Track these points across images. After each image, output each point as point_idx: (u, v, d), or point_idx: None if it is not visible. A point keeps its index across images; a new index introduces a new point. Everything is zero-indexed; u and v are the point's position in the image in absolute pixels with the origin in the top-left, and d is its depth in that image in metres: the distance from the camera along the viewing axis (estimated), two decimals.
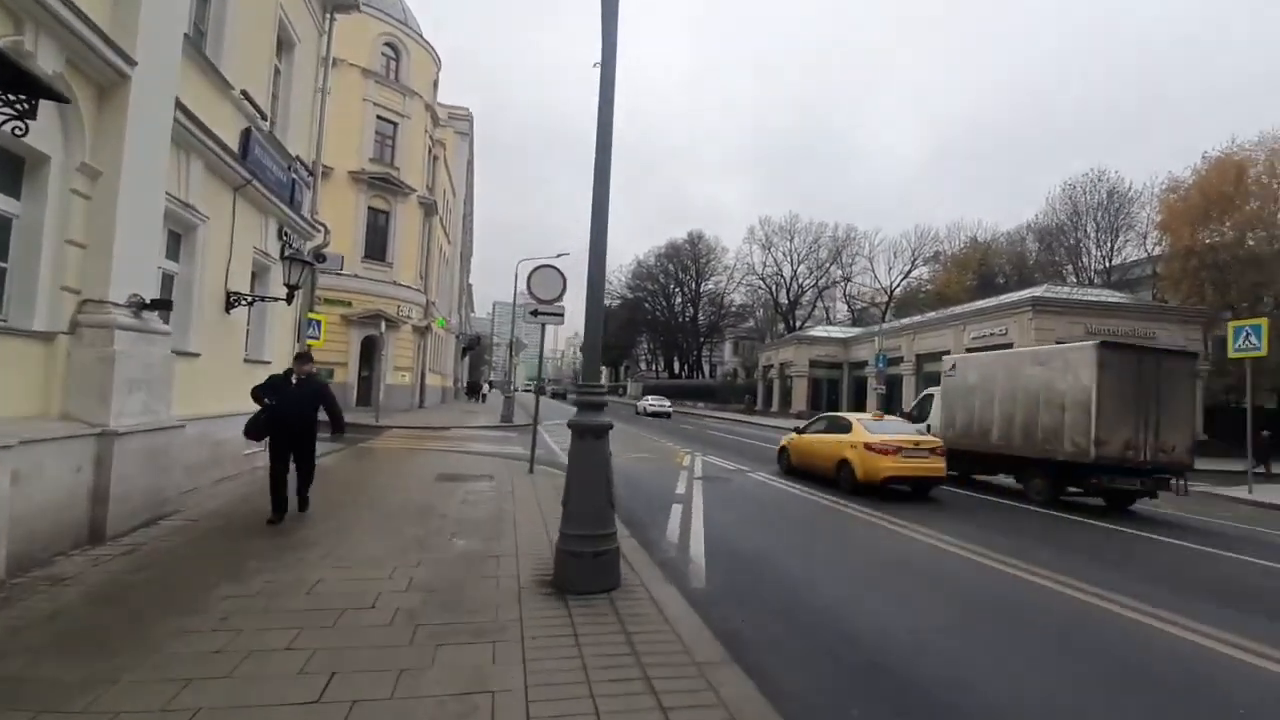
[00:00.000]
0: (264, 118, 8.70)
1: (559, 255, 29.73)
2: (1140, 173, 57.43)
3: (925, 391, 19.05)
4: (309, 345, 13.25)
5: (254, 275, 9.21)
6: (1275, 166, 28.49)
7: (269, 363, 9.47)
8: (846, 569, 6.35)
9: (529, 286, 10.63)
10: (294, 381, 6.37)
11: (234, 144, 7.85)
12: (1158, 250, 35.89)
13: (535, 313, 10.67)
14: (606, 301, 45.58)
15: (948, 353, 33.72)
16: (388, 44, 25.24)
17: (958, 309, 35.51)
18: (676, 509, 8.82)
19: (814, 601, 5.12)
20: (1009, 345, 28.49)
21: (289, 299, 8.24)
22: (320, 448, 7.06)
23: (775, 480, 12.39)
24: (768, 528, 8.13)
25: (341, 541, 5.65)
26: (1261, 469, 20.75)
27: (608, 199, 4.99)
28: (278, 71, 9.77)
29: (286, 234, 9.75)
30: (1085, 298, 29.44)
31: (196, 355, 7.46)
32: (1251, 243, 28.38)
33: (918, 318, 36.94)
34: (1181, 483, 11.18)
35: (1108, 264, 41.58)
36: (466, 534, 6.16)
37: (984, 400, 13.12)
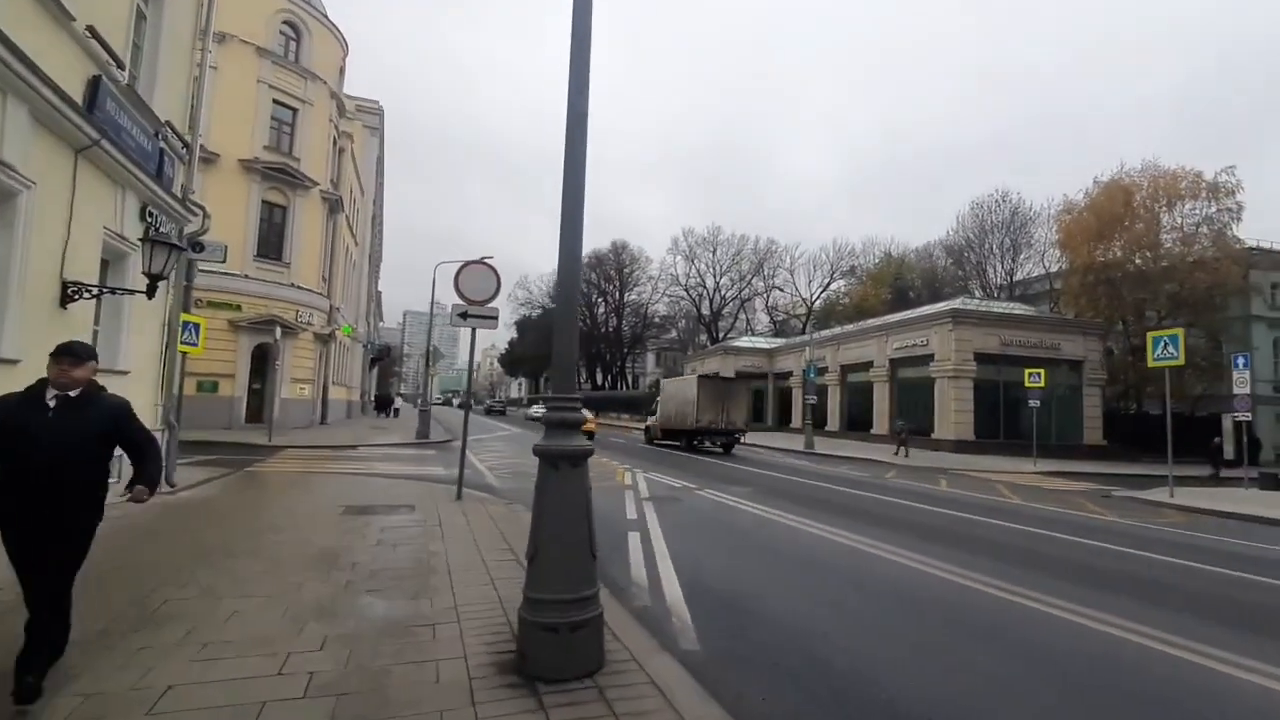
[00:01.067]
0: (120, 66, 6.98)
1: (484, 258, 28.02)
2: (1038, 194, 62.29)
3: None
4: (188, 350, 11.30)
5: (106, 263, 7.41)
6: (1156, 192, 31.11)
7: (125, 373, 7.66)
8: (824, 592, 5.51)
9: (457, 285, 9.34)
10: (51, 403, 3.12)
11: (77, 93, 6.15)
12: (1055, 267, 38.48)
13: (465, 315, 9.36)
14: (525, 311, 44.40)
15: (872, 363, 34.72)
16: (287, 23, 22.89)
17: (880, 320, 36.52)
18: (634, 537, 7.76)
19: (821, 651, 4.19)
20: (930, 355, 29.47)
21: (150, 292, 6.53)
22: (192, 474, 5.50)
23: (729, 498, 11.56)
24: (733, 554, 7.21)
25: (210, 613, 4.19)
26: (1213, 472, 22.21)
27: (582, 196, 3.87)
28: (142, 16, 8.01)
29: (153, 215, 7.97)
30: (998, 310, 30.88)
31: (15, 362, 5.70)
32: (1138, 261, 30.80)
33: (842, 329, 37.78)
34: (739, 437, 24.53)
35: (1010, 279, 44.31)
36: (387, 591, 4.83)
37: (673, 402, 25.94)
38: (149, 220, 7.94)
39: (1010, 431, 28.44)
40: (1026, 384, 22.98)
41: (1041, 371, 23.10)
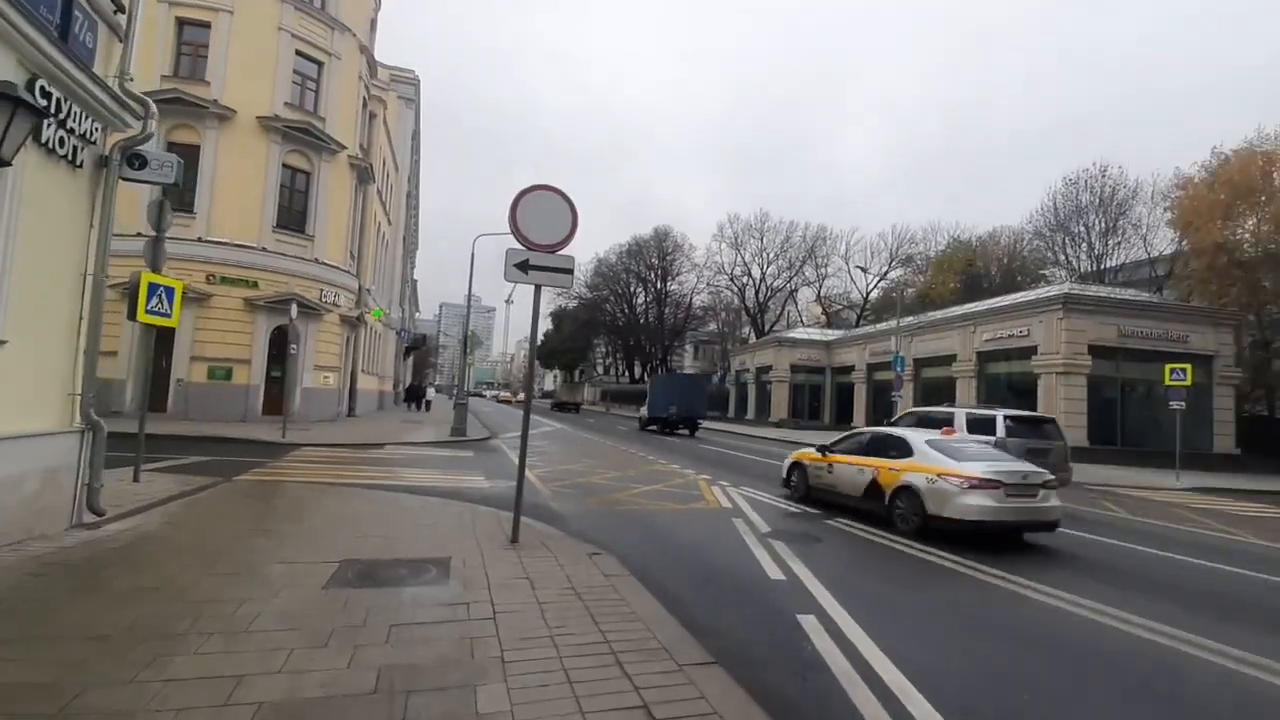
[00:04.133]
0: None
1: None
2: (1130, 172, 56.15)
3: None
4: (157, 322, 8.46)
5: None
6: None
7: None
8: None
9: (515, 222, 6.22)
10: None
11: None
12: (1170, 249, 33.91)
13: (526, 266, 6.22)
14: (561, 302, 42.16)
15: (954, 357, 30.79)
16: None
17: (964, 309, 32.49)
18: (812, 625, 4.60)
19: None
20: (1032, 348, 25.54)
21: None
22: (154, 487, 3.48)
23: (874, 533, 8.25)
24: (999, 668, 3.96)
25: None
26: None
27: None
28: None
29: (53, 98, 5.01)
30: (1118, 296, 26.66)
31: None
32: None
33: (918, 319, 33.69)
34: (699, 423, 30.24)
35: (1097, 265, 39.60)
36: None
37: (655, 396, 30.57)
38: (45, 106, 4.98)
39: (1130, 437, 24.41)
40: (1167, 381, 19.10)
41: (1186, 367, 19.14)
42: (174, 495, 7.55)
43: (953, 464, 8.10)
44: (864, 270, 40.49)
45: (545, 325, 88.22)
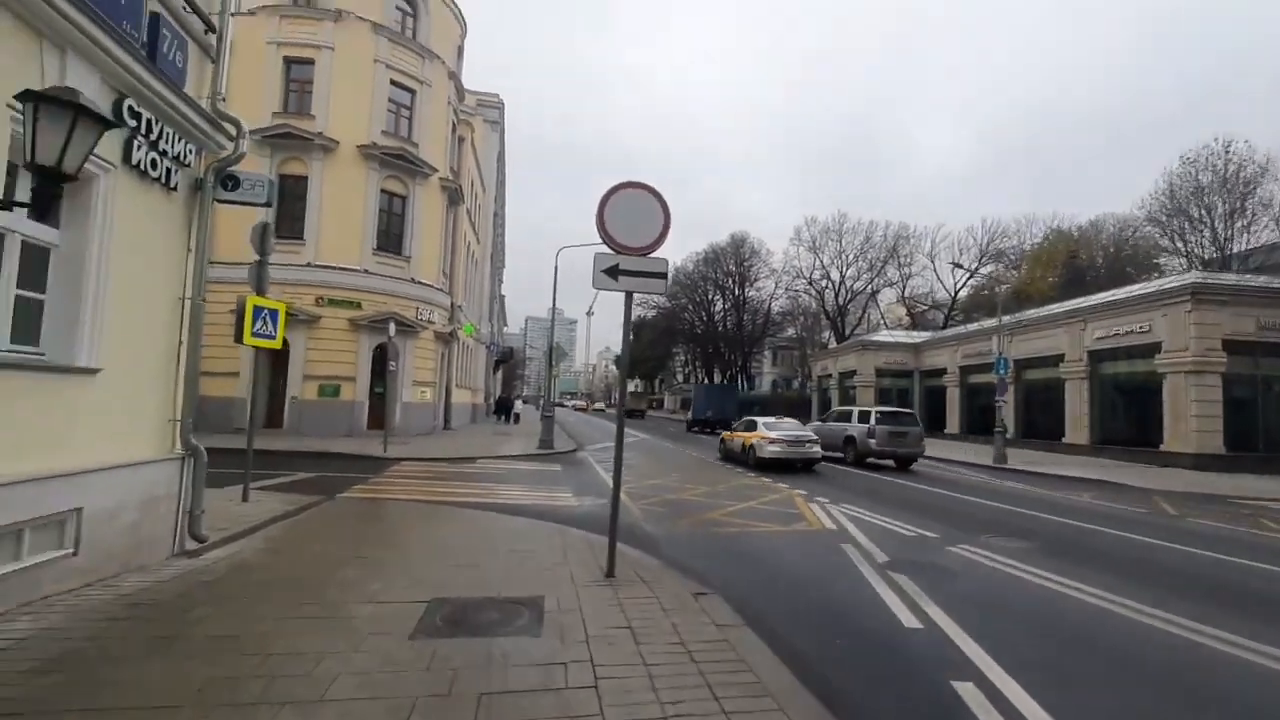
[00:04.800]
0: None
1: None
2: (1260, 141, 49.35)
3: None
4: (262, 344, 8.43)
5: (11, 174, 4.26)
6: None
7: (90, 371, 4.49)
8: None
9: (603, 224, 5.53)
10: None
11: None
12: None
13: (616, 271, 5.53)
14: (640, 312, 43.34)
15: (1062, 357, 27.82)
16: None
17: (1071, 304, 29.42)
18: (970, 696, 3.60)
19: None
20: (1155, 345, 22.57)
21: (37, 204, 3.16)
22: (260, 508, 2.79)
23: (1011, 563, 6.96)
24: None
25: None
26: None
27: None
28: None
29: (142, 119, 4.79)
30: (1256, 284, 23.18)
31: None
32: None
33: (1019, 316, 30.76)
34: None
35: (1221, 252, 34.93)
36: None
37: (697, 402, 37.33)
38: (135, 127, 4.76)
39: (1273, 443, 21.04)
40: None
41: None
42: (277, 516, 7.37)
43: (769, 433, 15.97)
44: (960, 266, 37.65)
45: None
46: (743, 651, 3.95)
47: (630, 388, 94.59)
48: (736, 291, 63.06)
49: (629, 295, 5.75)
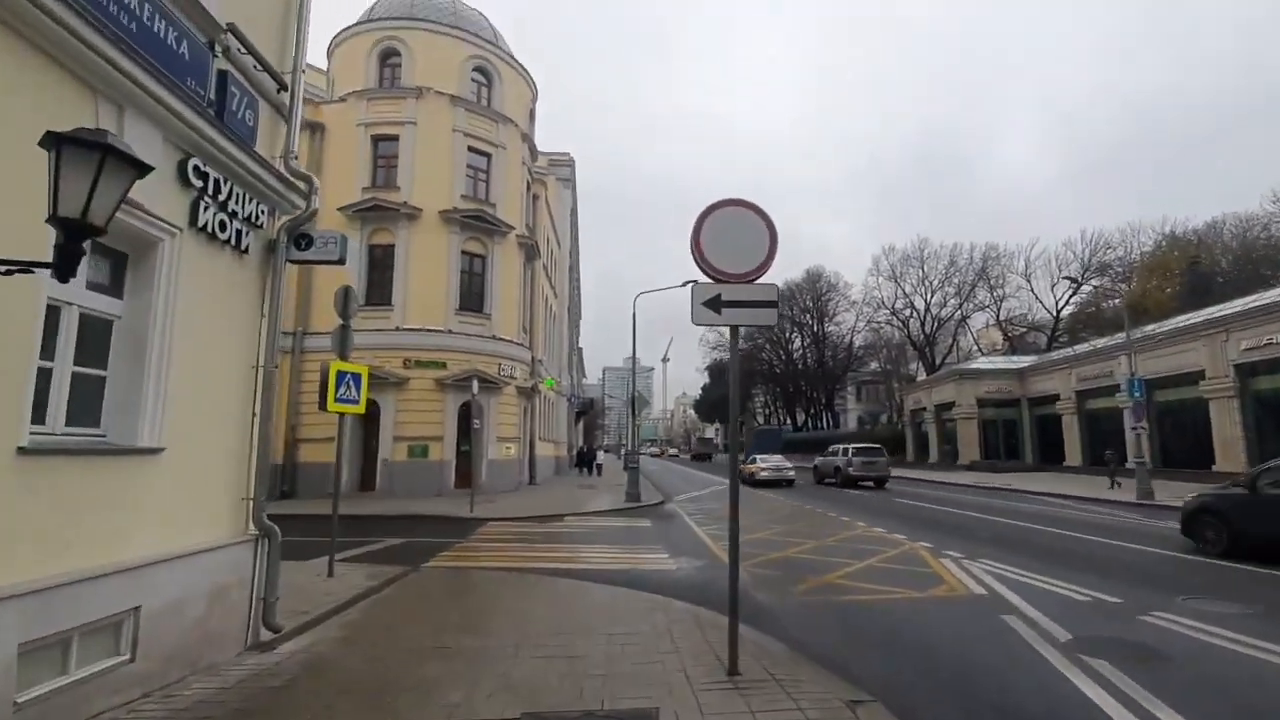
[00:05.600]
0: None
1: (686, 283, 24.09)
2: None
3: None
4: (347, 410, 8.11)
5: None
6: None
7: (154, 451, 4.05)
8: None
9: (700, 249, 4.73)
10: None
11: None
12: None
13: (718, 303, 4.68)
14: (717, 355, 44.64)
15: (1202, 374, 24.34)
16: (478, 69, 21.43)
17: (1211, 312, 25.91)
18: None
19: None
20: None
21: (63, 267, 2.64)
22: (345, 582, 3.58)
23: (1259, 647, 5.31)
24: None
25: None
26: None
27: None
28: None
29: (208, 178, 4.48)
30: None
31: None
32: None
33: (1146, 330, 27.36)
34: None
35: None
36: None
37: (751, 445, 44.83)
38: (201, 187, 4.44)
39: None
40: None
41: None
42: (359, 595, 6.78)
43: (762, 464, 25.64)
44: (1073, 280, 34.57)
45: (701, 379, 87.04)
46: None
47: (718, 432, 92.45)
48: (815, 327, 60.89)
49: (734, 330, 4.87)
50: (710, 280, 4.79)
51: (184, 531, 4.36)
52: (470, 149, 20.61)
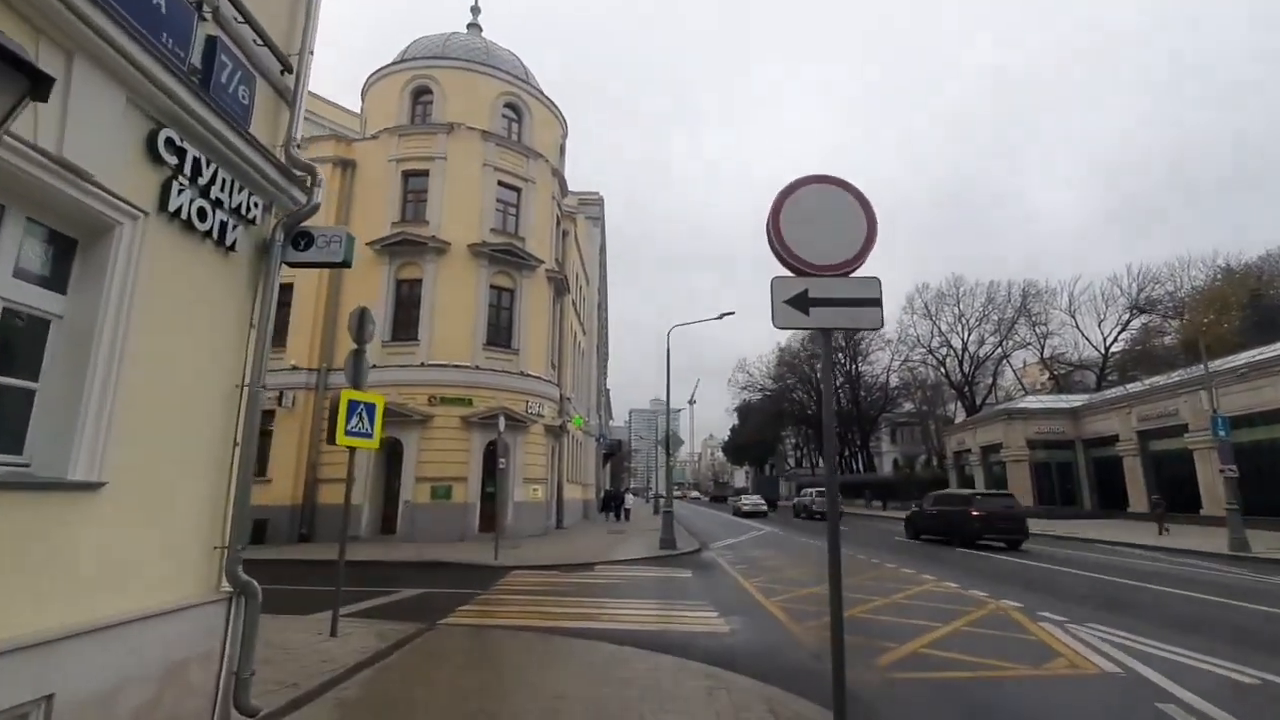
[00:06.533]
0: None
1: (723, 315, 23.18)
2: None
3: None
4: (360, 444, 7.25)
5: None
6: None
7: (91, 487, 3.13)
8: None
9: (780, 236, 3.73)
10: None
11: None
12: None
13: (805, 301, 3.66)
14: (746, 396, 42.84)
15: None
16: (509, 105, 21.31)
17: None
18: None
19: None
20: None
21: None
22: (346, 646, 3.39)
23: None
24: None
25: None
26: None
27: None
28: None
29: (182, 151, 3.69)
30: None
31: None
32: None
33: (1221, 363, 25.37)
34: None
35: None
36: None
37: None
38: (176, 165, 3.66)
39: None
40: None
41: None
42: (362, 661, 5.71)
43: (744, 502, 42.31)
44: (1141, 310, 33.05)
45: (730, 420, 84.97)
46: None
47: (748, 475, 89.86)
48: (849, 366, 59.13)
49: (826, 335, 3.84)
50: (791, 274, 3.81)
51: (128, 589, 3.40)
52: (500, 183, 20.28)
